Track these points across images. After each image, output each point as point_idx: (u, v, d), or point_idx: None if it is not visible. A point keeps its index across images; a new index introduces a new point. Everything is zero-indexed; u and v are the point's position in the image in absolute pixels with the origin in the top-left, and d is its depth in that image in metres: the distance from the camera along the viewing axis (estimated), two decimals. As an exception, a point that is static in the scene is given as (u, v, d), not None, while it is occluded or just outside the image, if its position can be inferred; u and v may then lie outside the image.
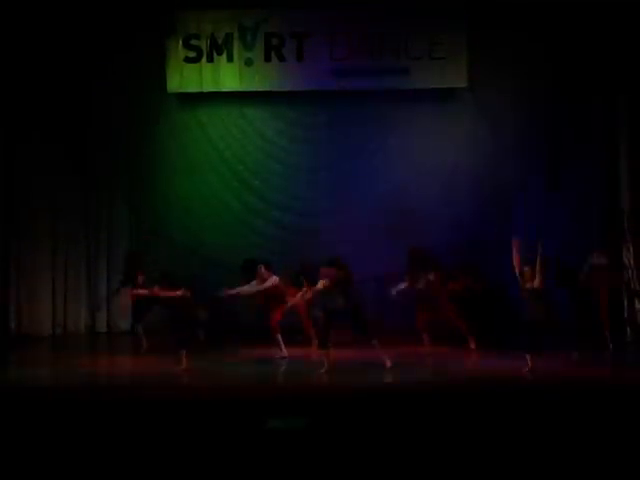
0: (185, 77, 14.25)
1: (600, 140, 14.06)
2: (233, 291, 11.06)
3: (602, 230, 13.88)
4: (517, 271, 10.17)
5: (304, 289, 11.27)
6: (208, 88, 14.32)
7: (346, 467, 7.05)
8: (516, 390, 9.22)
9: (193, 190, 14.56)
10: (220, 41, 14.18)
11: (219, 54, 14.22)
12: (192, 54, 14.21)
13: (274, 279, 11.25)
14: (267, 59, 14.19)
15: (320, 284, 10.24)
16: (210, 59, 14.21)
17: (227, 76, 14.27)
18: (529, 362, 10.06)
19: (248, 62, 14.22)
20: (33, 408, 8.25)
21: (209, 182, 14.63)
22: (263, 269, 11.25)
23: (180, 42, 14.17)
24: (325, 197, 14.43)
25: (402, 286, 11.64)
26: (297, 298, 11.34)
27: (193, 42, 14.19)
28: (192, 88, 14.34)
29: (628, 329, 13.21)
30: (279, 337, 11.32)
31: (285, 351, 11.30)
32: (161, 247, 14.35)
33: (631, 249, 13.61)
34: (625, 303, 13.44)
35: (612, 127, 13.89)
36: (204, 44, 14.19)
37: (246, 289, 11.21)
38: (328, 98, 14.38)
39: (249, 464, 7.09)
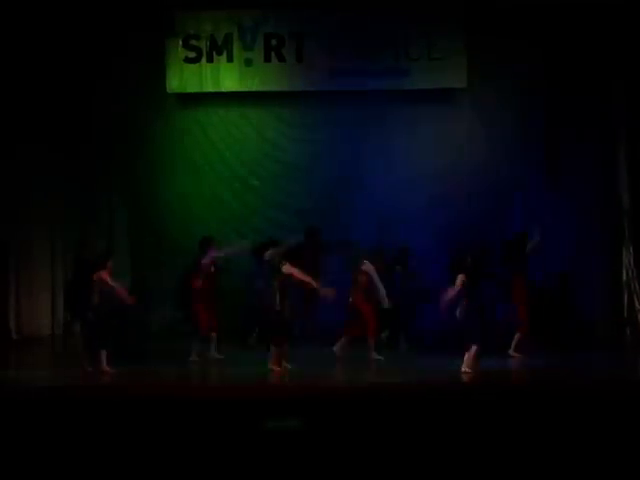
0: (185, 77, 14.25)
1: (598, 140, 14.05)
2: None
3: (602, 230, 13.90)
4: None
5: None
6: (208, 88, 14.32)
7: (343, 468, 7.07)
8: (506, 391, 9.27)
9: (193, 190, 14.55)
10: (220, 41, 14.18)
11: (219, 54, 14.22)
12: (192, 54, 14.22)
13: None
14: (267, 59, 14.19)
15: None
16: (210, 59, 14.21)
17: (227, 76, 14.27)
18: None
19: (248, 62, 14.22)
20: (32, 408, 8.27)
21: (209, 182, 14.62)
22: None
23: (180, 42, 14.16)
24: (324, 197, 14.40)
25: None
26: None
27: (193, 42, 14.19)
28: (192, 88, 14.34)
29: (627, 329, 13.23)
30: None
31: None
32: (161, 248, 14.36)
33: (631, 249, 13.64)
34: (625, 302, 13.46)
35: (610, 127, 13.89)
36: (204, 44, 14.19)
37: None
38: (328, 99, 14.37)
39: (246, 465, 7.11)
